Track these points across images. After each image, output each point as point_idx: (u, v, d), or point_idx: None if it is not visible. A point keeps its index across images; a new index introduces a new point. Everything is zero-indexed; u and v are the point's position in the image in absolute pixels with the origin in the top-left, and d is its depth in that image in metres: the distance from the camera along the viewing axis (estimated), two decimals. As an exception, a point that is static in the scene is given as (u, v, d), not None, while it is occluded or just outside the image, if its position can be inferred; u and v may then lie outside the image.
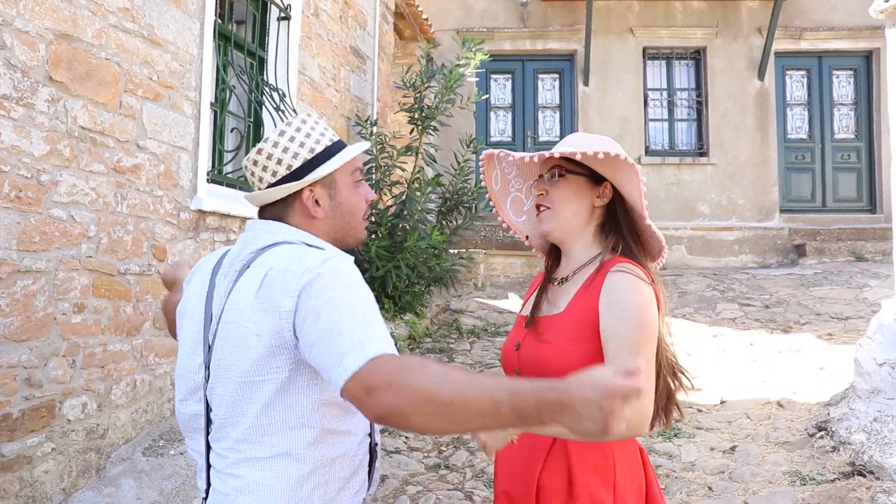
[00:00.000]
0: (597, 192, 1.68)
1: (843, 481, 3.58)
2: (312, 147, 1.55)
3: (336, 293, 1.33)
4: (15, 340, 3.09)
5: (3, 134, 2.99)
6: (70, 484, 3.42)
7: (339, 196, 1.58)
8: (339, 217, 1.58)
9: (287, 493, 1.38)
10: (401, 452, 4.32)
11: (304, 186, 1.54)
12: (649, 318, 1.54)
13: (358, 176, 1.62)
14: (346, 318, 1.30)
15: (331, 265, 1.38)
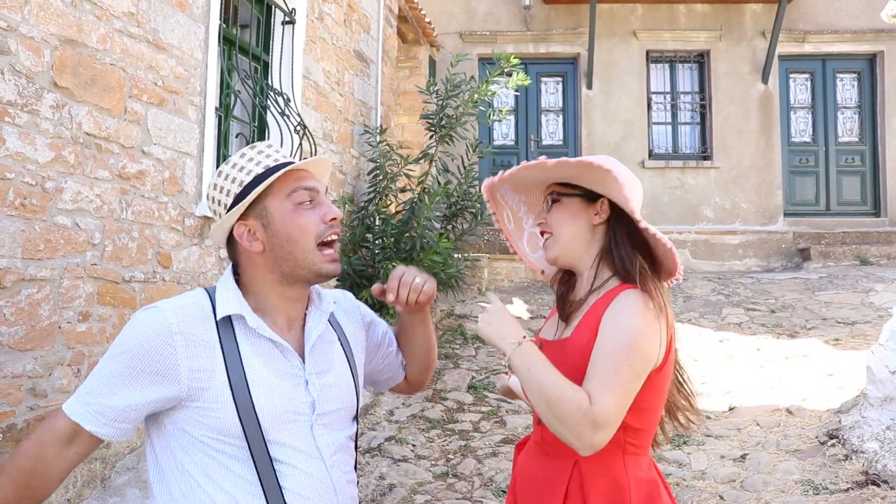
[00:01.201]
0: (594, 209, 1.64)
1: (857, 490, 3.53)
2: (242, 180, 1.46)
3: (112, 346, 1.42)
4: (20, 350, 3.05)
5: (8, 141, 2.96)
6: (75, 494, 3.39)
7: (274, 224, 1.46)
8: (278, 247, 1.46)
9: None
10: (408, 461, 4.28)
11: (232, 222, 1.46)
12: (641, 345, 1.47)
13: (302, 198, 1.47)
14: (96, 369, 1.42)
15: (136, 318, 1.42)
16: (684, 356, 6.00)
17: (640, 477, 1.56)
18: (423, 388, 1.88)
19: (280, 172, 1.45)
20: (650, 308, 1.51)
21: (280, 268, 1.46)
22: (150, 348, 1.36)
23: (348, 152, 6.81)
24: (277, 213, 1.46)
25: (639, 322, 1.48)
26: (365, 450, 4.36)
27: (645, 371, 1.49)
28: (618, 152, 10.74)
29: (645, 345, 1.47)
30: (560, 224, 1.63)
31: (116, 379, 1.37)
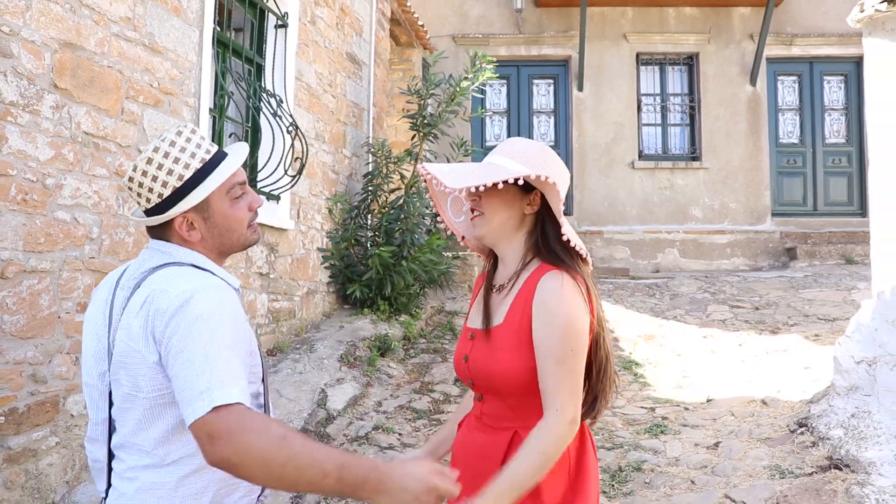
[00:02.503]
0: (527, 200, 1.76)
1: (820, 474, 3.70)
2: (181, 174, 1.53)
3: (199, 329, 1.40)
4: (21, 338, 3.21)
5: (11, 139, 3.12)
6: (73, 477, 3.54)
7: (214, 217, 1.58)
8: (216, 235, 1.59)
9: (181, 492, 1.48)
10: (394, 448, 4.44)
11: (175, 216, 1.55)
12: (577, 327, 1.63)
13: (236, 192, 1.60)
14: (201, 359, 1.37)
15: (202, 295, 1.44)
16: (669, 352, 6.14)
17: (578, 437, 1.71)
18: None
19: (226, 174, 1.57)
20: (573, 286, 1.66)
21: (216, 249, 1.61)
22: (240, 319, 1.51)
23: (341, 152, 6.97)
24: (218, 208, 1.58)
25: (568, 305, 1.64)
26: (353, 438, 4.52)
27: (585, 346, 1.65)
28: (608, 153, 10.93)
29: (578, 324, 1.64)
30: (494, 208, 1.75)
31: (237, 354, 1.44)
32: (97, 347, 1.56)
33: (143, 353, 1.45)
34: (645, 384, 5.73)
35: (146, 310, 1.45)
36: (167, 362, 1.41)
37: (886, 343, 3.79)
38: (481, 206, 1.77)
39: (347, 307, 6.76)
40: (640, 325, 7.16)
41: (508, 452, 1.69)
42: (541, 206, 1.77)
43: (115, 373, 1.50)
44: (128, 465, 1.49)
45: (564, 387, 1.61)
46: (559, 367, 1.61)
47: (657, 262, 10.65)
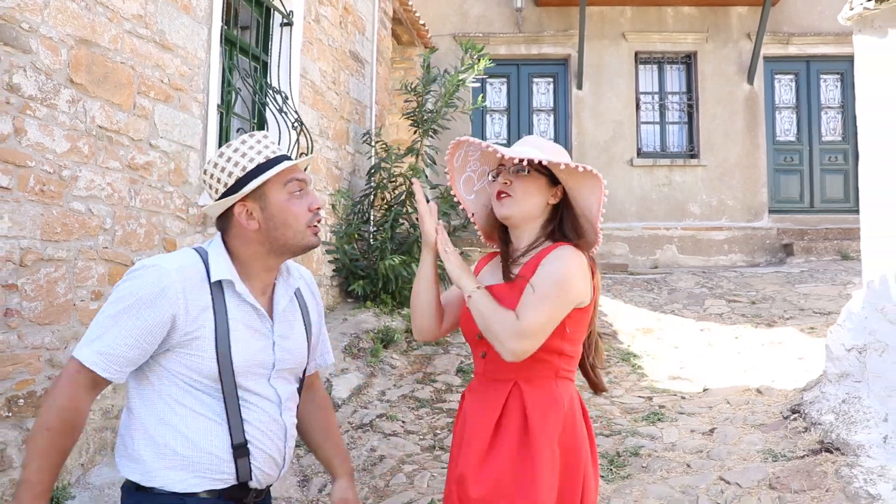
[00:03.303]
0: (552, 192, 1.96)
1: (812, 457, 3.82)
2: (245, 165, 1.72)
3: (115, 296, 1.67)
4: (39, 324, 3.33)
5: (29, 132, 3.23)
6: (88, 459, 3.66)
7: (271, 208, 1.73)
8: (272, 228, 1.74)
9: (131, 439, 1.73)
10: (398, 435, 4.56)
11: (234, 202, 1.73)
12: (570, 281, 1.81)
13: (294, 188, 1.76)
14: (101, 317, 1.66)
15: (141, 271, 1.67)
16: (666, 344, 6.27)
17: (570, 394, 1.89)
18: None
19: (283, 167, 1.74)
20: (582, 259, 1.86)
21: (271, 243, 1.76)
22: (161, 306, 1.64)
23: (344, 149, 7.09)
24: (274, 200, 1.74)
25: (572, 265, 1.83)
26: (357, 425, 4.64)
27: (569, 303, 1.81)
28: (607, 151, 11.05)
29: (573, 281, 1.81)
30: (525, 193, 1.93)
31: (132, 333, 1.63)
32: None
33: None
34: (643, 375, 5.85)
35: None
36: None
37: (876, 330, 3.91)
38: (513, 188, 1.93)
39: (351, 301, 6.88)
40: (638, 319, 7.27)
41: (509, 399, 1.85)
42: (560, 200, 1.96)
43: None
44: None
45: (537, 316, 1.76)
46: (539, 298, 1.77)
47: (656, 259, 10.78)
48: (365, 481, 4.00)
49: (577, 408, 1.91)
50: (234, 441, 1.69)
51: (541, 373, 1.85)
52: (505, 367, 1.87)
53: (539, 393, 1.85)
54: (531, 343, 1.76)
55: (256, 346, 1.74)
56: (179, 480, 1.66)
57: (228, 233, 1.78)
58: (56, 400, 1.61)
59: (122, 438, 1.73)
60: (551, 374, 1.87)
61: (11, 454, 3.16)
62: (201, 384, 1.68)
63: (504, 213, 1.96)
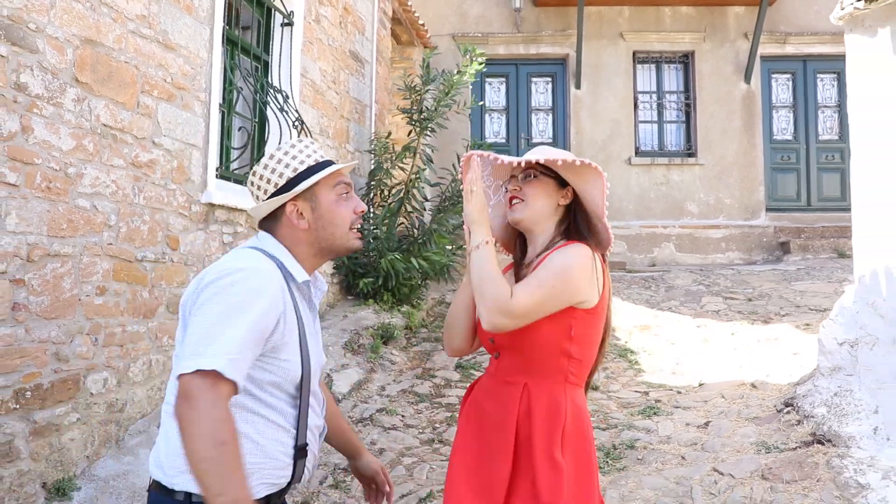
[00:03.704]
0: (561, 193, 2.03)
1: (804, 449, 3.89)
2: (296, 167, 1.77)
3: (220, 299, 1.56)
4: (45, 318, 3.40)
5: (36, 130, 3.31)
6: (93, 452, 3.73)
7: (320, 208, 1.78)
8: (321, 227, 1.78)
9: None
10: (397, 429, 4.63)
11: (286, 201, 1.77)
12: (570, 273, 1.85)
13: (342, 190, 1.81)
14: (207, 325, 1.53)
15: (241, 275, 1.59)
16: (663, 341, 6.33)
17: (575, 401, 1.93)
18: None
19: (333, 169, 1.81)
20: (590, 257, 1.91)
21: (319, 243, 1.81)
22: (271, 311, 1.61)
23: (344, 147, 7.16)
24: (324, 200, 1.79)
25: (576, 260, 1.87)
26: (357, 419, 4.71)
27: (565, 295, 1.85)
28: (605, 150, 11.12)
29: (573, 274, 1.85)
30: (535, 196, 2.00)
31: (251, 334, 1.56)
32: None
33: (183, 312, 1.67)
34: (639, 370, 5.92)
35: (197, 277, 1.68)
36: (188, 324, 1.60)
37: (867, 324, 3.98)
38: (523, 193, 2.00)
39: (351, 298, 6.95)
40: (635, 316, 7.34)
41: (521, 401, 1.90)
42: (571, 201, 2.03)
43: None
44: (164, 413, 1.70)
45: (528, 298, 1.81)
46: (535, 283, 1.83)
47: (653, 257, 10.85)
48: (365, 473, 4.07)
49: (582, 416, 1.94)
50: (298, 443, 1.71)
51: (549, 376, 1.90)
52: (516, 369, 1.92)
53: (544, 399, 1.89)
54: (512, 321, 1.81)
55: (318, 349, 1.81)
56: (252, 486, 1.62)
57: (276, 234, 1.80)
58: (213, 413, 1.46)
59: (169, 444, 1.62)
60: (560, 378, 1.91)
61: (19, 445, 3.23)
62: (281, 391, 1.68)
63: (516, 217, 2.02)
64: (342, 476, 4.01)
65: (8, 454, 3.18)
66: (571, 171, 1.99)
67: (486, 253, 1.87)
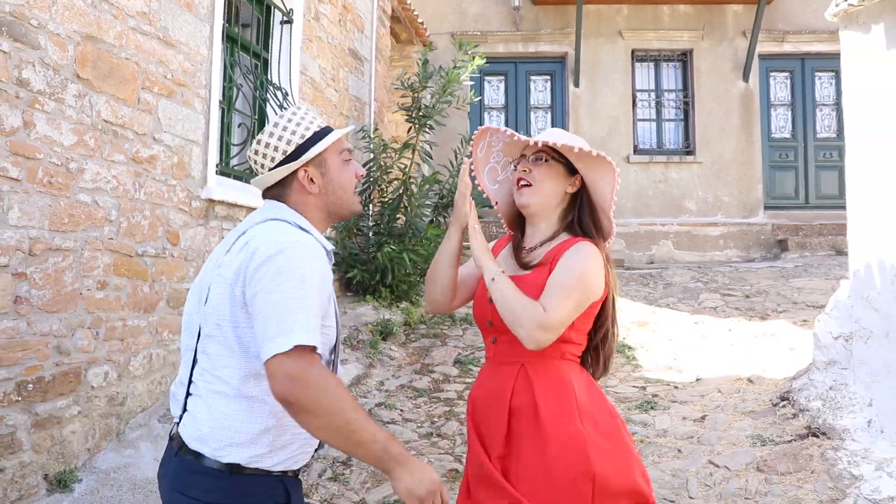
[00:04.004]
0: (570, 181, 2.03)
1: (799, 442, 3.92)
2: (303, 133, 1.79)
3: (287, 277, 1.59)
4: (47, 311, 3.43)
5: (38, 125, 3.34)
6: (94, 444, 3.76)
7: (330, 173, 1.82)
8: (331, 192, 1.83)
9: (243, 426, 1.65)
10: (396, 423, 4.67)
11: (298, 167, 1.79)
12: (591, 278, 1.88)
13: (346, 156, 1.87)
14: (285, 303, 1.56)
15: (296, 249, 1.63)
16: (661, 337, 6.36)
17: (580, 376, 1.96)
18: None
19: (340, 133, 1.86)
20: (600, 256, 1.94)
21: (329, 207, 1.85)
22: (326, 279, 1.70)
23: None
24: (333, 165, 1.84)
25: (591, 263, 1.90)
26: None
27: (588, 299, 1.89)
28: (604, 147, 11.14)
29: (591, 277, 1.89)
30: (544, 181, 2.01)
31: (320, 307, 1.65)
32: (200, 285, 1.80)
33: (232, 287, 1.67)
34: (637, 366, 5.95)
35: (245, 252, 1.67)
36: (252, 302, 1.61)
37: (861, 318, 4.02)
38: (532, 177, 2.01)
39: (350, 294, 6.99)
40: (633, 313, 7.38)
41: (517, 381, 1.93)
42: (579, 190, 2.03)
43: (208, 305, 1.71)
44: (203, 389, 1.70)
45: (561, 309, 1.83)
46: (564, 293, 1.85)
47: (652, 254, 10.89)
48: (363, 467, 4.10)
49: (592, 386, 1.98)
50: None
51: (548, 357, 1.92)
52: (513, 351, 1.94)
53: (546, 376, 1.92)
54: (554, 334, 1.84)
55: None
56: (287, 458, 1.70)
57: (287, 202, 1.83)
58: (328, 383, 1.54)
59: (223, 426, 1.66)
60: (557, 356, 1.94)
61: (21, 437, 3.27)
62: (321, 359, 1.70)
63: (522, 202, 2.03)
64: (341, 469, 4.05)
65: (10, 446, 3.21)
66: (584, 160, 1.99)
67: (503, 283, 1.88)
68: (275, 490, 1.69)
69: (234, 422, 1.65)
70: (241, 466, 1.65)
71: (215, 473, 1.65)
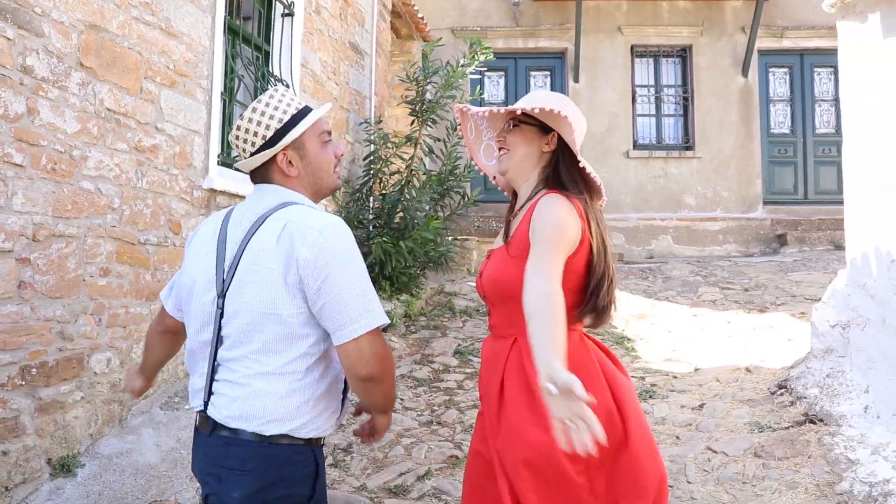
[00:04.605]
0: (545, 139, 2.05)
1: (796, 428, 3.96)
2: (280, 118, 1.84)
3: (348, 258, 1.73)
4: (51, 297, 3.46)
5: (42, 112, 3.37)
6: (97, 430, 3.80)
7: (308, 156, 1.88)
8: (310, 173, 1.90)
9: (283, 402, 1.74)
10: (396, 411, 4.69)
11: (277, 152, 1.85)
12: (563, 225, 1.86)
13: (325, 137, 1.93)
14: (354, 285, 1.72)
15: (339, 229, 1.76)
16: (660, 329, 6.38)
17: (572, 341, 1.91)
18: None
19: (317, 115, 1.91)
20: (566, 204, 1.92)
21: (308, 189, 1.92)
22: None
23: (343, 138, 7.22)
24: (311, 148, 1.89)
25: (557, 212, 1.89)
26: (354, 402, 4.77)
27: (565, 248, 1.86)
28: (603, 143, 11.19)
29: (563, 223, 1.87)
30: (517, 145, 2.05)
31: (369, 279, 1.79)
32: (206, 278, 1.85)
33: (280, 273, 1.72)
34: (636, 357, 5.98)
35: (287, 237, 1.73)
36: (320, 288, 1.70)
37: (858, 306, 4.05)
38: (507, 143, 2.06)
39: (350, 287, 7.00)
40: (632, 306, 7.41)
41: (510, 356, 1.96)
42: (556, 147, 2.04)
43: (238, 293, 1.77)
44: (241, 374, 1.76)
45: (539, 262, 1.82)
46: (538, 247, 1.85)
47: (651, 249, 10.92)
48: (364, 453, 4.13)
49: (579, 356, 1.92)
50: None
51: None
52: (505, 324, 1.98)
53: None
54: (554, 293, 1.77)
55: None
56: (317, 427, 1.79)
57: (272, 183, 1.89)
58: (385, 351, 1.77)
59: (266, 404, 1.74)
60: None
61: (25, 421, 3.30)
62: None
63: (501, 169, 2.09)
64: (342, 455, 4.08)
65: (14, 429, 3.24)
66: (549, 119, 2.01)
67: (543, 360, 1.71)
68: (307, 458, 1.78)
69: (278, 398, 1.74)
70: (276, 436, 1.74)
71: (251, 444, 1.74)
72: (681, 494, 3.51)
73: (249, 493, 1.71)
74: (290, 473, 1.75)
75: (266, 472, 1.73)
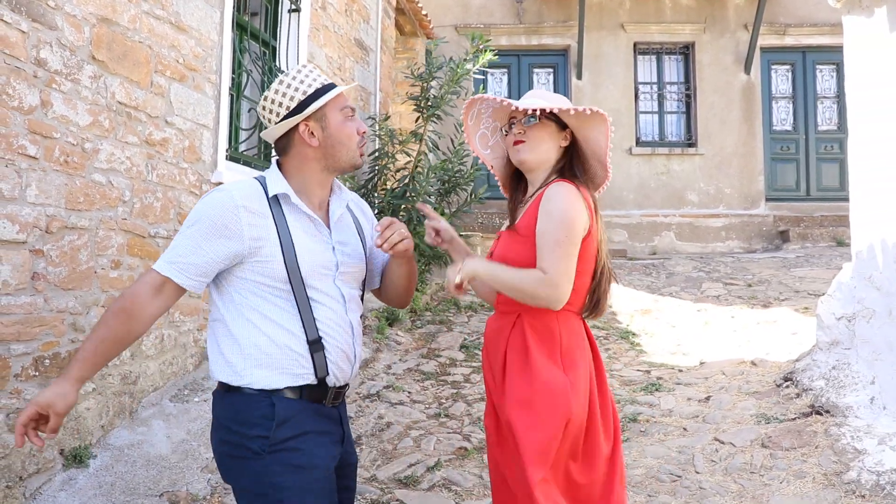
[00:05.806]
0: (562, 136, 2.18)
1: (803, 419, 3.98)
2: (305, 90, 1.94)
3: (189, 218, 1.90)
4: (63, 288, 3.49)
5: (55, 105, 3.39)
6: (108, 422, 3.82)
7: (330, 128, 1.95)
8: (330, 145, 1.96)
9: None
10: (404, 404, 4.72)
11: (298, 122, 1.94)
12: (572, 216, 1.98)
13: (348, 113, 1.99)
14: (178, 237, 1.88)
15: (203, 200, 1.90)
16: (664, 324, 6.41)
17: (570, 327, 2.05)
18: (404, 306, 2.42)
19: (340, 90, 1.99)
20: (574, 192, 2.03)
21: (327, 160, 1.98)
22: (222, 217, 1.85)
23: (349, 134, 7.24)
24: (333, 121, 1.96)
25: (566, 201, 2.00)
26: (365, 395, 4.80)
27: (578, 237, 1.98)
28: (606, 140, 11.19)
29: (573, 214, 1.99)
30: (539, 140, 2.14)
31: (197, 242, 1.84)
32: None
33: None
34: (641, 351, 6.01)
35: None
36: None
37: (864, 298, 4.07)
38: (527, 136, 2.13)
39: (356, 282, 7.02)
40: (637, 301, 7.44)
41: (513, 330, 2.05)
42: (570, 143, 2.17)
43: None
44: None
45: (558, 263, 1.94)
46: (555, 246, 1.95)
47: (654, 245, 10.95)
48: (373, 445, 4.16)
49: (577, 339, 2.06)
50: (309, 337, 1.89)
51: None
52: (511, 300, 2.05)
53: (538, 325, 2.03)
54: (566, 286, 1.96)
55: (317, 249, 1.94)
56: (264, 377, 1.85)
57: (288, 153, 1.99)
58: (122, 294, 1.89)
59: (212, 347, 1.93)
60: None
61: (39, 411, 3.32)
62: (274, 288, 1.88)
63: (520, 158, 2.15)
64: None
65: (28, 419, 3.26)
66: (578, 117, 2.12)
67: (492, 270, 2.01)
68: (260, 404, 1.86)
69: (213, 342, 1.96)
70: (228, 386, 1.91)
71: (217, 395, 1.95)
72: (689, 484, 3.54)
73: None
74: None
75: None
